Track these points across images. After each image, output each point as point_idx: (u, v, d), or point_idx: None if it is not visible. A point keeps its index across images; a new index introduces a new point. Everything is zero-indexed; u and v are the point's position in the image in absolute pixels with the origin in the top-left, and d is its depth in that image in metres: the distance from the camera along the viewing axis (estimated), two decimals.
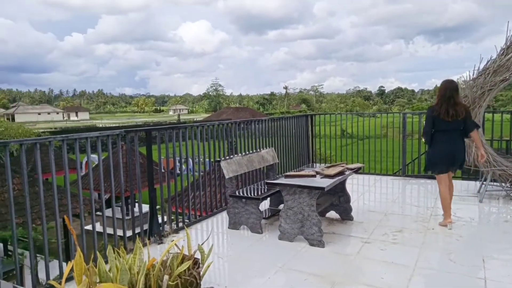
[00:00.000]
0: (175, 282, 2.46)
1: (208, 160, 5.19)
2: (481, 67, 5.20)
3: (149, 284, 2.43)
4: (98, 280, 2.34)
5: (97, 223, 5.05)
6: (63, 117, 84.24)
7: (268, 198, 4.82)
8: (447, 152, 4.17)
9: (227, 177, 4.27)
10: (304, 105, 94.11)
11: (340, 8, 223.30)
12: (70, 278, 2.69)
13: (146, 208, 4.14)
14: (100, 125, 61.69)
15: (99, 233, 3.67)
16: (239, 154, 4.72)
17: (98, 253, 2.64)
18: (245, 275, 3.25)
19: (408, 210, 5.00)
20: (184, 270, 2.52)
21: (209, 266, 2.76)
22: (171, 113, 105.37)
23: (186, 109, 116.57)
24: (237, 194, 4.30)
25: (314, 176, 4.11)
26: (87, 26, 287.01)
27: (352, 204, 4.73)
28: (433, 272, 3.21)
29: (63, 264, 3.01)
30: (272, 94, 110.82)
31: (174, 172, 6.39)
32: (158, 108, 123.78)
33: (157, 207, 4.21)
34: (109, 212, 3.80)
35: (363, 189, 6.33)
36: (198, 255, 2.77)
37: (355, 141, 9.35)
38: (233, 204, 4.32)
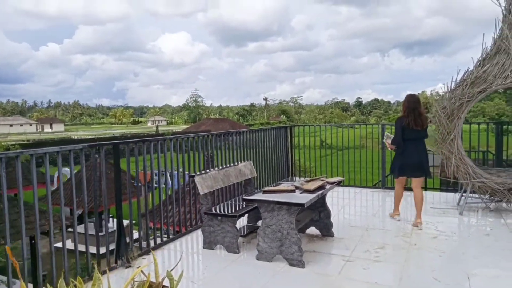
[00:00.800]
0: None
1: (187, 173, 4.92)
2: (458, 79, 5.20)
3: None
4: None
5: (69, 240, 4.74)
6: (37, 129, 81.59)
7: (246, 214, 4.60)
8: (415, 160, 4.66)
9: (202, 193, 4.03)
10: (284, 116, 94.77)
11: (318, 22, 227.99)
12: None
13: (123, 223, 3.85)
14: (76, 137, 60.08)
15: (71, 251, 3.39)
16: (215, 169, 4.49)
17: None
18: None
19: (389, 224, 4.88)
20: None
21: None
22: (150, 124, 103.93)
23: (165, 120, 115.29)
24: (213, 212, 4.06)
25: (294, 191, 3.92)
26: (64, 36, 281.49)
27: (333, 219, 4.56)
28: None
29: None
30: (252, 105, 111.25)
31: (152, 186, 6.14)
32: (136, 120, 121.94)
33: (126, 225, 3.92)
34: (82, 229, 3.54)
35: (343, 203, 6.19)
36: (168, 282, 2.51)
37: (334, 152, 9.30)
38: (208, 222, 4.07)
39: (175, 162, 4.60)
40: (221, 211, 4.12)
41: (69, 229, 7.92)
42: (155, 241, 4.35)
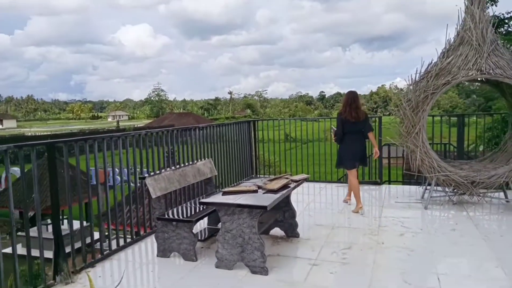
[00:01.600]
0: None
1: (146, 171, 4.47)
2: (423, 71, 5.09)
3: None
4: None
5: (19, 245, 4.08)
6: None
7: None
8: (354, 151, 5.04)
9: (154, 197, 3.62)
10: (249, 110, 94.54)
11: (282, 16, 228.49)
12: None
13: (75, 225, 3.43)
14: (29, 134, 56.57)
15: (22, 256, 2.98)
16: (170, 168, 4.08)
17: None
18: None
19: (355, 222, 4.70)
20: None
21: None
22: (110, 120, 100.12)
23: (127, 115, 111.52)
24: (167, 217, 3.66)
25: (256, 192, 3.61)
26: (14, 27, 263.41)
27: (298, 218, 4.30)
28: None
29: None
30: (217, 99, 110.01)
31: (106, 185, 5.61)
32: (96, 115, 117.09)
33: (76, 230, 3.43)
34: (34, 232, 3.10)
35: (309, 199, 5.98)
36: None
37: (299, 145, 9.12)
38: (162, 228, 3.67)
39: (127, 160, 4.14)
40: (177, 215, 3.74)
41: (19, 233, 7.23)
42: (110, 246, 3.90)
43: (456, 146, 6.32)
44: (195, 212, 3.89)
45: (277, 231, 4.26)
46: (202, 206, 3.99)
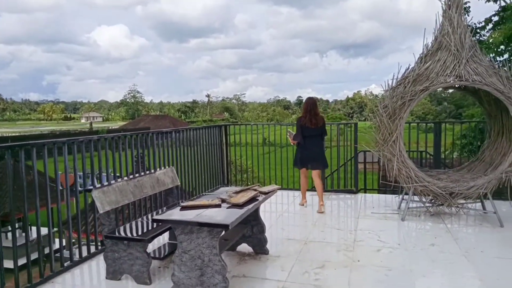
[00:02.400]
0: None
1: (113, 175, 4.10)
2: (400, 77, 4.87)
3: None
4: None
5: None
6: None
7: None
8: (311, 153, 5.35)
9: (102, 212, 3.17)
10: (227, 114, 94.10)
11: (260, 21, 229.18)
12: None
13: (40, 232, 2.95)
14: None
15: None
16: (122, 179, 3.64)
17: None
18: None
19: (330, 235, 4.39)
20: None
21: None
22: (84, 121, 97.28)
23: (101, 117, 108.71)
24: (117, 235, 3.22)
25: (219, 206, 3.23)
26: None
27: (268, 231, 3.96)
28: None
29: None
30: (195, 102, 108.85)
31: (76, 190, 5.11)
32: (68, 116, 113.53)
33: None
34: None
35: (282, 209, 5.64)
36: None
37: (278, 149, 8.82)
38: (112, 247, 3.23)
39: (92, 165, 3.69)
40: (129, 233, 3.30)
41: None
42: (62, 262, 3.43)
43: (433, 154, 6.14)
44: (152, 228, 3.46)
45: (245, 247, 3.89)
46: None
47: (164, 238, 4.08)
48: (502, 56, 9.83)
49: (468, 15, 10.63)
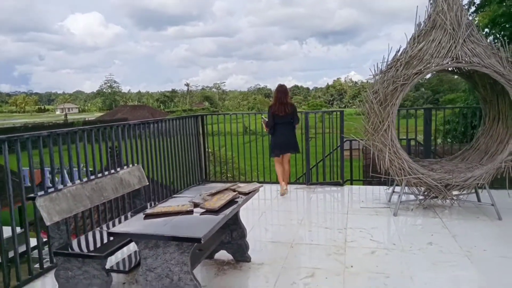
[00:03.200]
0: None
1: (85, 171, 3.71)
2: (390, 59, 4.45)
3: None
4: None
5: None
6: None
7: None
8: (283, 140, 5.51)
9: (50, 223, 2.64)
10: (207, 103, 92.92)
11: (239, 8, 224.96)
12: None
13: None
14: None
15: None
16: (76, 182, 3.10)
17: None
18: None
19: (318, 236, 3.99)
20: None
21: None
22: (58, 113, 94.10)
23: (77, 108, 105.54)
24: (69, 251, 2.70)
25: (191, 213, 2.75)
26: None
27: (251, 233, 3.55)
28: None
29: None
30: (174, 91, 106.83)
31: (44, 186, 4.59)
32: (43, 107, 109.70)
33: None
34: None
35: (264, 206, 5.20)
36: None
37: (259, 138, 8.39)
38: (64, 264, 2.71)
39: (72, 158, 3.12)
40: (84, 247, 2.78)
41: None
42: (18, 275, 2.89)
43: (423, 143, 5.80)
44: (114, 239, 2.95)
45: (224, 254, 3.44)
46: None
47: (133, 247, 3.57)
48: (487, 40, 9.63)
49: None
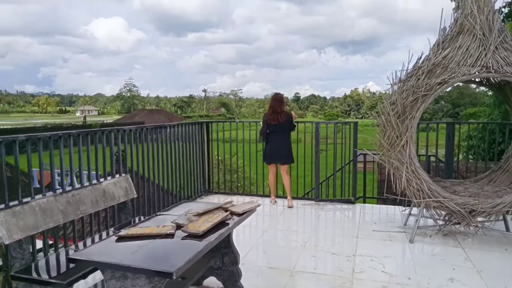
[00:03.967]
0: None
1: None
2: (411, 67, 4.01)
3: None
4: None
5: None
6: None
7: None
8: (276, 148, 5.45)
9: (8, 242, 2.30)
10: (224, 109, 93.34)
11: (258, 16, 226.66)
12: None
13: None
14: None
15: None
16: (50, 193, 2.77)
17: None
18: None
19: (323, 263, 3.55)
20: None
21: None
22: (78, 114, 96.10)
23: (96, 110, 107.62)
24: (28, 276, 2.35)
25: (172, 236, 2.37)
26: None
27: (247, 256, 3.17)
28: None
29: None
30: (191, 97, 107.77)
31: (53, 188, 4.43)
32: (63, 109, 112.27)
33: None
34: None
35: (267, 224, 4.79)
36: None
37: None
38: None
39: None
40: (46, 271, 2.43)
41: None
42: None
43: (444, 160, 5.29)
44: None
45: (213, 281, 3.04)
46: None
47: None
48: None
49: None
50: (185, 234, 2.37)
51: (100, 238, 2.63)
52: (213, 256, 2.95)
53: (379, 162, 4.48)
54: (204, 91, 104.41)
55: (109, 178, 3.35)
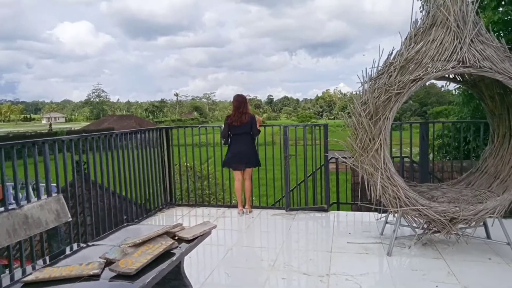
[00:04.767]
0: None
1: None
2: (381, 63, 3.68)
3: None
4: None
5: None
6: None
7: None
8: (239, 152, 5.11)
9: None
10: (197, 113, 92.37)
11: (229, 19, 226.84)
12: None
13: None
14: None
15: None
16: None
17: None
18: None
19: (294, 286, 3.13)
20: None
21: None
22: (45, 122, 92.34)
23: (63, 117, 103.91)
24: None
25: (97, 276, 1.87)
26: None
27: (207, 280, 2.66)
28: None
29: None
30: (163, 101, 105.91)
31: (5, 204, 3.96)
32: (28, 116, 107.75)
33: None
34: None
35: (234, 240, 4.33)
36: None
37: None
38: None
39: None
40: None
41: None
42: None
43: (419, 162, 5.02)
44: None
45: None
46: None
47: None
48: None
49: None
50: (115, 273, 1.88)
51: (12, 280, 2.09)
52: None
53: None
54: (176, 95, 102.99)
55: (34, 200, 2.79)
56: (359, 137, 3.63)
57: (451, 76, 4.00)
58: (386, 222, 4.17)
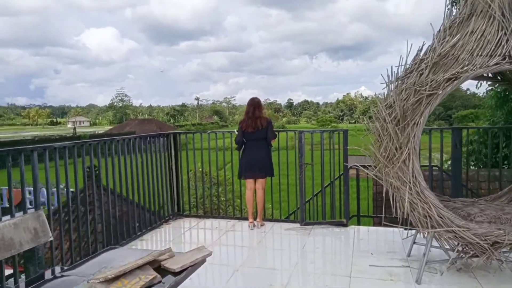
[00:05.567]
0: None
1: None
2: (410, 61, 3.20)
3: None
4: None
5: None
6: None
7: None
8: (251, 158, 4.79)
9: None
10: (217, 117, 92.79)
11: (250, 23, 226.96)
12: None
13: None
14: None
15: None
16: None
17: None
18: None
19: None
20: None
21: None
22: (70, 126, 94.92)
23: (88, 121, 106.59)
24: None
25: None
26: None
27: None
28: None
29: None
30: (184, 106, 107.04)
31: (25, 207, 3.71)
32: (55, 120, 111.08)
33: None
34: None
35: (236, 261, 3.91)
36: None
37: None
38: None
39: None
40: None
41: None
42: None
43: (452, 174, 4.46)
44: None
45: None
46: None
47: None
48: None
49: None
50: None
51: None
52: None
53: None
54: (197, 99, 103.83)
55: (6, 218, 2.46)
56: (384, 145, 3.15)
57: (490, 75, 3.47)
58: (414, 242, 3.65)
